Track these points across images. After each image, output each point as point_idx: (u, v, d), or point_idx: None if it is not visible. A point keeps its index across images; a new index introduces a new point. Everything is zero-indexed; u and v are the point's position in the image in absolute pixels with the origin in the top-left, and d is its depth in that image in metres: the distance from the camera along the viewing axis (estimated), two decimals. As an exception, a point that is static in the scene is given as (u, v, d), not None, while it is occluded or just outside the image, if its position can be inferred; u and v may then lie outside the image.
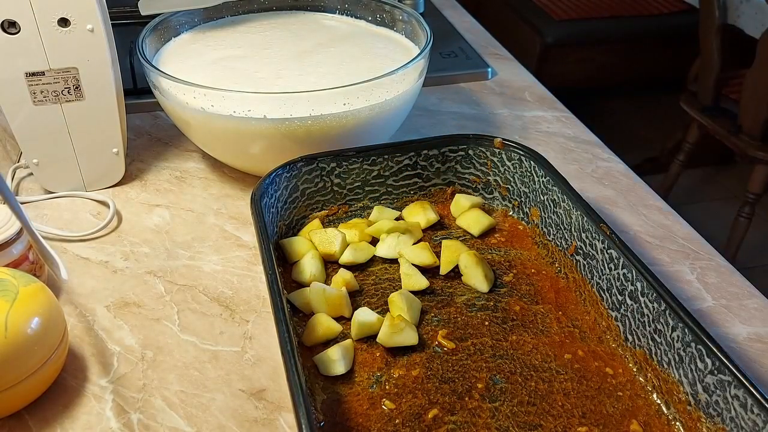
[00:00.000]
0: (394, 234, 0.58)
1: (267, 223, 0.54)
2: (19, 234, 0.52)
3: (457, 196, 0.63)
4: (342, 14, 0.82)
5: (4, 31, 0.57)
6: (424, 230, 0.61)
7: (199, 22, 0.77)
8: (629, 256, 0.49)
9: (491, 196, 0.64)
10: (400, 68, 0.62)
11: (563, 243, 0.57)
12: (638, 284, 0.48)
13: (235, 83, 0.65)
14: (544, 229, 0.59)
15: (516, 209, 0.63)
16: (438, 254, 0.57)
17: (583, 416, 0.45)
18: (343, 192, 0.62)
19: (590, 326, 0.52)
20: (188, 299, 0.56)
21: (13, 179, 0.70)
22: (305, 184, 0.60)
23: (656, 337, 0.46)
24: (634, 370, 0.48)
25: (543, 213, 0.59)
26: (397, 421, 0.44)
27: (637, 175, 0.75)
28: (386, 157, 0.61)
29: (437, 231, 0.61)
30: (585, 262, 0.54)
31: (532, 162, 0.59)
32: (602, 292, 0.52)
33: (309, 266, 0.55)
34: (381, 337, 0.49)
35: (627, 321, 0.49)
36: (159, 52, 0.72)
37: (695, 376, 0.43)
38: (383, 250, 0.58)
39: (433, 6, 1.14)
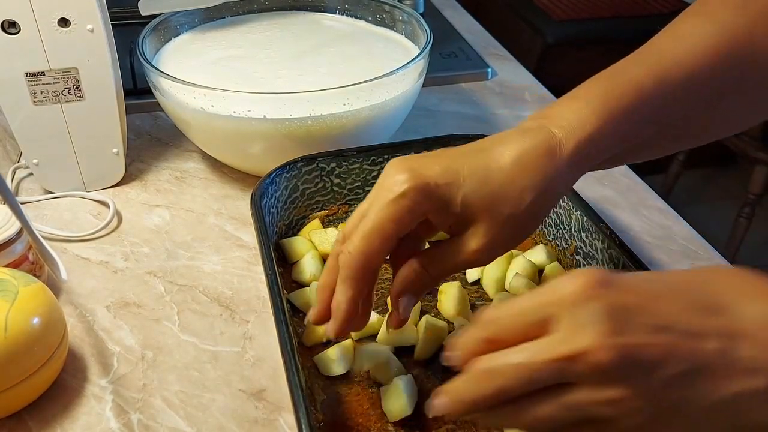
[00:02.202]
0: (394, 234, 0.58)
1: (267, 223, 0.54)
2: (19, 234, 0.52)
3: (457, 196, 0.63)
4: (342, 14, 0.81)
5: (4, 31, 0.57)
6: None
7: (199, 22, 0.77)
8: (629, 256, 0.49)
9: (491, 196, 0.64)
10: (400, 68, 0.62)
11: (563, 243, 0.57)
12: (638, 284, 0.48)
13: (235, 83, 0.65)
14: (544, 229, 0.59)
15: (516, 209, 0.62)
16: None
17: (584, 416, 0.45)
18: (343, 192, 0.62)
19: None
20: (188, 299, 0.56)
21: (13, 179, 0.70)
22: (305, 184, 0.60)
23: (656, 337, 0.46)
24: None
25: (543, 213, 0.59)
26: (397, 420, 0.44)
27: (637, 175, 0.75)
28: (386, 157, 0.61)
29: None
30: (585, 262, 0.54)
31: (532, 162, 0.59)
32: (602, 292, 0.52)
33: (309, 266, 0.55)
34: (381, 337, 0.49)
35: (627, 321, 0.49)
36: (159, 52, 0.72)
37: (695, 376, 0.43)
38: (383, 250, 0.58)
39: (433, 6, 1.14)
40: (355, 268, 0.39)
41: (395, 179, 0.38)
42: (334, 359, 0.47)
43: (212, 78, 0.66)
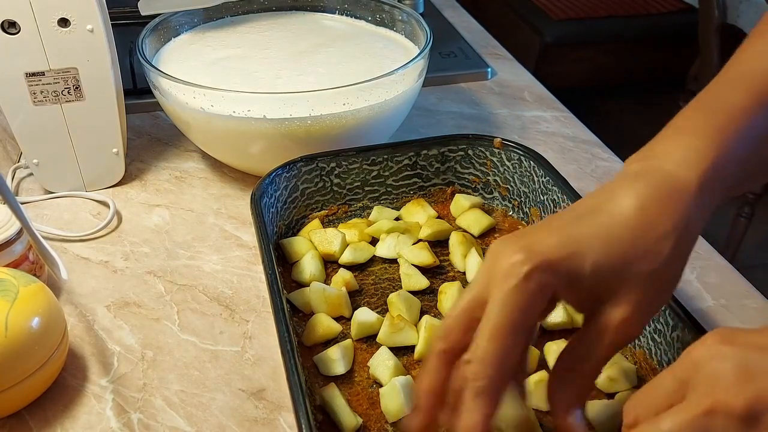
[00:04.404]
0: (394, 234, 0.58)
1: (267, 223, 0.54)
2: (19, 234, 0.52)
3: (457, 196, 0.63)
4: (342, 14, 0.82)
5: (4, 31, 0.57)
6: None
7: (199, 22, 0.77)
8: (629, 255, 0.49)
9: (491, 196, 0.64)
10: (399, 68, 0.62)
11: (563, 243, 0.57)
12: (638, 284, 0.48)
13: (235, 83, 0.65)
14: (544, 229, 0.59)
15: (516, 209, 0.63)
16: (436, 253, 0.57)
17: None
18: (343, 192, 0.62)
19: (590, 326, 0.52)
20: (188, 299, 0.56)
21: (13, 179, 0.70)
22: (305, 184, 0.60)
23: (656, 336, 0.47)
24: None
25: (543, 213, 0.59)
26: (397, 420, 0.44)
27: (636, 174, 0.75)
28: (386, 157, 0.61)
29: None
30: (585, 262, 0.54)
31: (531, 162, 0.59)
32: (602, 292, 0.52)
33: (309, 266, 0.55)
34: (381, 337, 0.49)
35: (626, 321, 0.49)
36: (159, 52, 0.72)
37: (695, 375, 0.43)
38: (383, 250, 0.58)
39: (433, 6, 1.14)
40: (492, 377, 0.33)
41: (511, 262, 0.34)
42: (334, 359, 0.47)
43: (212, 78, 0.66)
